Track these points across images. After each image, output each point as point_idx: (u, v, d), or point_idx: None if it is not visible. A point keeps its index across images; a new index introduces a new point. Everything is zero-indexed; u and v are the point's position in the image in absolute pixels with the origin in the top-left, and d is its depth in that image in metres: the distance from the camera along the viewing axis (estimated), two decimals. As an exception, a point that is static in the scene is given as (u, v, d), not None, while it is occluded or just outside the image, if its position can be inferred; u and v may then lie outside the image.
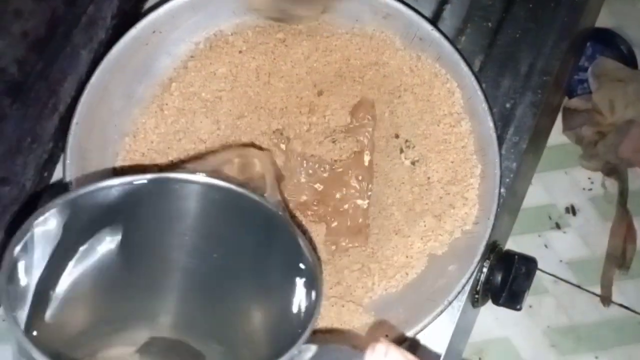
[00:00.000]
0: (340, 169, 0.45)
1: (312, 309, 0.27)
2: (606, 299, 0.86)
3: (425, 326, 0.39)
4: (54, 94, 0.44)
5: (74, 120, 0.41)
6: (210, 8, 0.45)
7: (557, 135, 0.87)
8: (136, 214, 0.31)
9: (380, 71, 0.45)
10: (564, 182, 0.89)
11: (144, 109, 0.46)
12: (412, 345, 0.41)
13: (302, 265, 0.29)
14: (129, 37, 0.42)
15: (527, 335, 0.85)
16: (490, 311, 0.63)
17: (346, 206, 0.45)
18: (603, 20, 0.88)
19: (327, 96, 0.45)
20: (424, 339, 0.42)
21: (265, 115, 0.46)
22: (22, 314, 0.26)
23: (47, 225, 0.27)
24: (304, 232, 0.30)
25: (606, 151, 0.83)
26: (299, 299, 0.28)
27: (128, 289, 0.33)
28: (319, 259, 0.30)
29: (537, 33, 0.50)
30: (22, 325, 0.25)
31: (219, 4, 0.45)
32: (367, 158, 0.45)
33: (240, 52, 0.46)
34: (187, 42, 0.46)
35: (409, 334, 0.39)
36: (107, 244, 0.31)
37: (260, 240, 0.31)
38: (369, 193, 0.45)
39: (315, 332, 0.25)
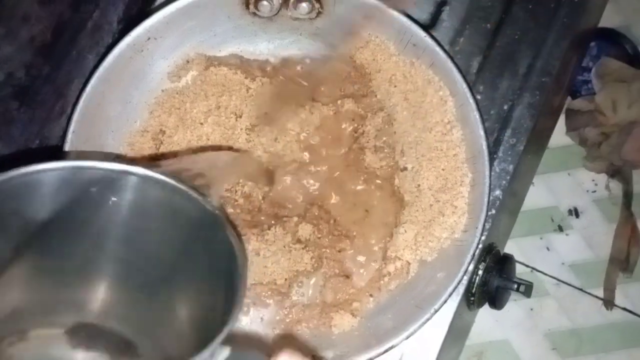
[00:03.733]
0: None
1: (230, 312, 0.27)
2: (609, 302, 0.85)
3: (411, 334, 0.39)
4: (61, 97, 0.45)
5: (70, 129, 0.42)
6: (205, 14, 0.45)
7: (560, 136, 0.87)
8: (72, 200, 0.31)
9: (374, 77, 0.45)
10: (567, 183, 0.88)
11: (140, 115, 0.46)
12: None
13: (231, 268, 0.29)
14: (123, 45, 0.43)
15: (527, 338, 0.85)
16: (490, 313, 0.63)
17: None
18: (609, 19, 0.87)
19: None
20: (417, 340, 0.42)
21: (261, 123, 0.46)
22: None
23: None
24: (238, 234, 0.30)
25: (610, 152, 0.83)
26: (224, 300, 0.29)
27: (60, 273, 0.33)
28: (247, 261, 0.31)
29: (537, 33, 0.49)
30: None
31: (214, 10, 0.45)
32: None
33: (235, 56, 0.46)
34: (182, 48, 0.46)
35: (397, 341, 0.39)
36: (39, 227, 0.31)
37: (195, 237, 0.32)
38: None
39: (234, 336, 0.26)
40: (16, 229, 0.30)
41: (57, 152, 0.43)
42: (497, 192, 0.46)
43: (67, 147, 0.42)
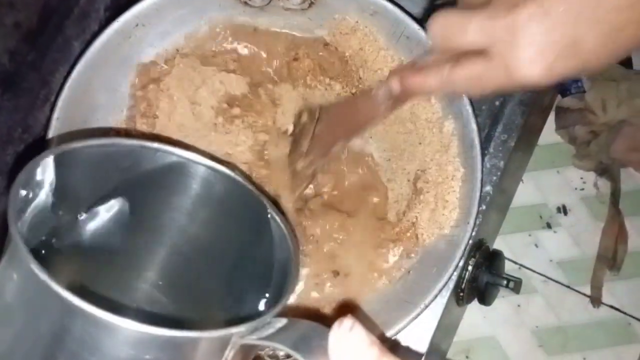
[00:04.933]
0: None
1: (288, 286, 0.28)
2: (596, 300, 0.86)
3: (401, 329, 0.39)
4: (46, 85, 0.44)
5: (55, 115, 0.41)
6: (196, 2, 0.44)
7: (550, 134, 0.87)
8: (137, 180, 0.32)
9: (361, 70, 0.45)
10: (555, 181, 0.89)
11: (127, 103, 0.45)
12: (392, 346, 0.41)
13: (281, 257, 0.30)
14: (111, 30, 0.42)
15: (514, 335, 0.85)
16: (478, 309, 0.64)
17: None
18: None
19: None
20: (405, 336, 0.42)
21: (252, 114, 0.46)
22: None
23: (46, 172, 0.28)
24: (292, 227, 0.31)
25: (599, 151, 0.83)
26: (272, 292, 0.30)
27: (110, 257, 0.34)
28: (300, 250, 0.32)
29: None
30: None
31: (205, -3, 0.44)
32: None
33: (224, 45, 0.46)
34: (172, 35, 0.45)
35: (387, 335, 0.39)
36: (106, 206, 0.32)
37: (249, 229, 0.32)
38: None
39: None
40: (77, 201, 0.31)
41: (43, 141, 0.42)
42: (488, 188, 0.46)
43: (50, 133, 0.41)
